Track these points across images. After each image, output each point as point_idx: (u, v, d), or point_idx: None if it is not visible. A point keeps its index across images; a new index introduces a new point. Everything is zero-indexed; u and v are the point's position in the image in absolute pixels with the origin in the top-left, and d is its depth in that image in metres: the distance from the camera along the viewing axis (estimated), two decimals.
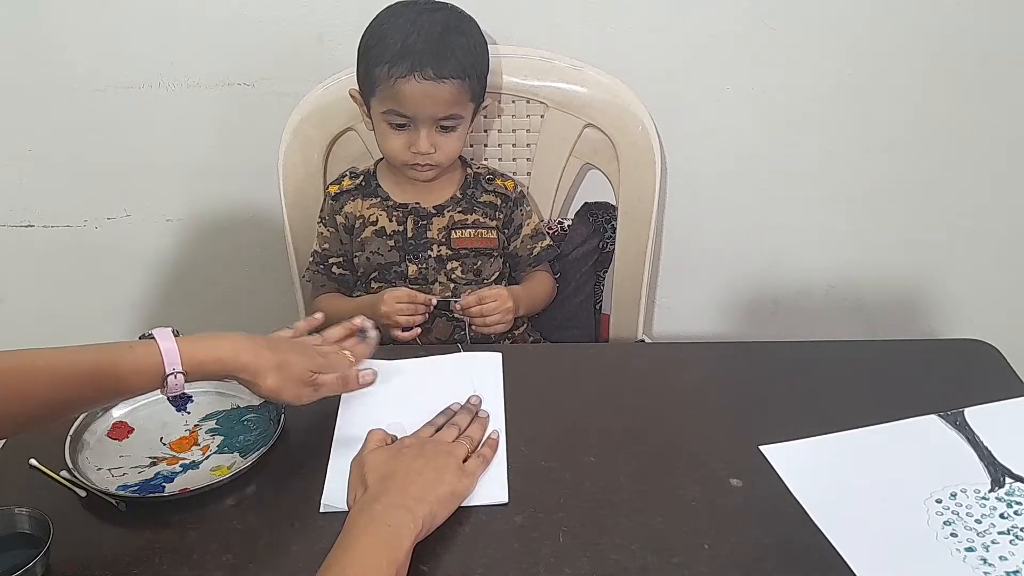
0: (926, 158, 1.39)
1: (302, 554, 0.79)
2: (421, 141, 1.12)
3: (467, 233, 1.22)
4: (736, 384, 1.02)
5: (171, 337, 0.81)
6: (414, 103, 1.09)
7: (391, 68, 1.08)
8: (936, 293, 1.53)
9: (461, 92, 1.11)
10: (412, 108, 1.10)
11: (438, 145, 1.13)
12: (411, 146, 1.13)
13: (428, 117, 1.11)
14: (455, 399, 0.96)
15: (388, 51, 1.08)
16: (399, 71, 1.07)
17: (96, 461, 0.89)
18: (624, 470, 0.88)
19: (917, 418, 0.94)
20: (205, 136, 1.36)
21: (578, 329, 1.38)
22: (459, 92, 1.10)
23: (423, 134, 1.12)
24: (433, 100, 1.09)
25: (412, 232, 1.20)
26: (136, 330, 1.56)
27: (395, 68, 1.08)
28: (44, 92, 1.32)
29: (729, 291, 1.53)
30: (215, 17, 1.26)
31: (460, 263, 1.21)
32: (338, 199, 1.22)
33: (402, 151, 1.14)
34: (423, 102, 1.09)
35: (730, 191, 1.42)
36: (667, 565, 0.77)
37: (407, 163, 1.15)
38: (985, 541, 0.79)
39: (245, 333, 0.86)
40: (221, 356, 0.83)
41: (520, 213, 1.25)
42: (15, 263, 1.49)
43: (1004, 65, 1.31)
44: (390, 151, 1.15)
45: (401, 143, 1.13)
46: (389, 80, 1.08)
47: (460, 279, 1.21)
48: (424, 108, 1.10)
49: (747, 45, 1.28)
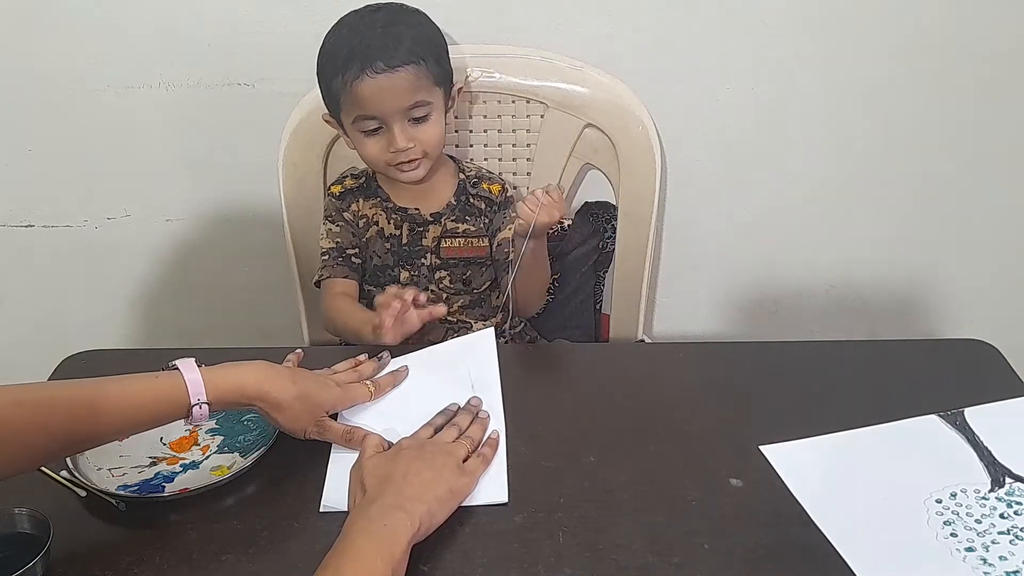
0: (926, 158, 1.39)
1: (302, 554, 0.79)
2: (396, 138, 1.10)
3: (457, 243, 1.21)
4: (736, 384, 1.02)
5: (195, 368, 0.82)
6: (374, 100, 1.08)
7: (344, 75, 1.07)
8: (936, 293, 1.53)
9: (419, 77, 1.09)
10: (374, 106, 1.08)
11: (414, 138, 1.11)
12: (389, 146, 1.11)
13: (395, 111, 1.09)
14: (453, 393, 0.96)
15: (338, 60, 1.08)
16: (351, 74, 1.06)
17: (96, 461, 0.89)
18: (624, 470, 0.88)
19: (917, 418, 0.94)
20: (205, 136, 1.36)
21: (578, 329, 1.38)
22: (416, 77, 1.08)
23: (396, 130, 1.10)
24: (392, 92, 1.08)
25: (407, 238, 1.20)
26: (136, 330, 1.57)
27: (347, 73, 1.07)
28: (44, 92, 1.32)
29: (729, 291, 1.53)
30: (215, 17, 1.26)
31: (448, 273, 1.21)
32: (343, 198, 1.22)
33: (381, 153, 1.12)
34: (382, 97, 1.08)
35: (730, 191, 1.42)
36: (667, 565, 0.77)
37: (390, 164, 1.13)
38: (985, 541, 0.79)
39: (267, 362, 0.87)
40: (244, 385, 0.84)
41: (502, 217, 1.22)
42: (15, 263, 1.49)
43: (1004, 65, 1.31)
44: (370, 157, 1.14)
45: (379, 147, 1.12)
46: (345, 88, 1.07)
47: (448, 288, 1.21)
48: (386, 103, 1.08)
49: (747, 45, 1.28)
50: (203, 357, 0.84)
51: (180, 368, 0.81)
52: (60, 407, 0.76)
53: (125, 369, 0.81)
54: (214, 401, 0.82)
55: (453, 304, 1.21)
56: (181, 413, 0.81)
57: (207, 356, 0.85)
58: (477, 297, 1.24)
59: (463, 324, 1.22)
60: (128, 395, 0.79)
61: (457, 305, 1.22)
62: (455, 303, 1.21)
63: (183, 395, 0.80)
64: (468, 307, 1.23)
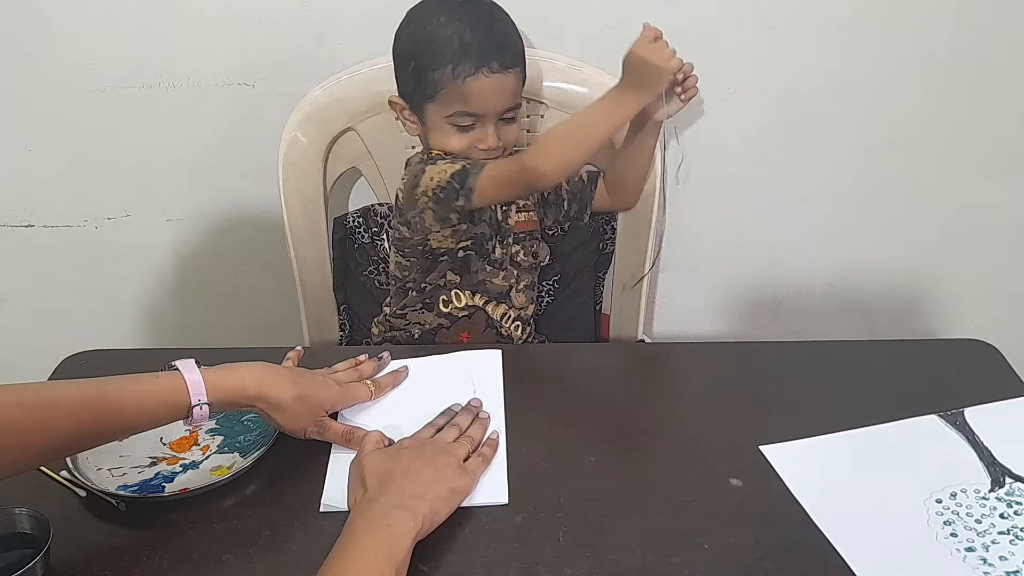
0: (926, 158, 1.39)
1: (302, 554, 0.79)
2: (490, 137, 1.10)
3: (523, 216, 1.20)
4: (736, 384, 1.02)
5: (195, 369, 0.82)
6: (484, 100, 1.07)
7: (455, 69, 1.05)
8: (936, 293, 1.53)
9: (519, 80, 1.11)
10: (483, 105, 1.08)
11: (502, 137, 1.12)
12: (478, 143, 1.11)
13: (497, 111, 1.09)
14: (455, 398, 0.96)
15: (446, 52, 1.05)
16: (465, 70, 1.05)
17: (96, 461, 0.89)
18: (624, 470, 0.88)
19: (917, 418, 0.94)
20: (205, 136, 1.36)
21: (578, 329, 1.38)
22: (519, 80, 1.10)
23: (491, 130, 1.10)
24: (502, 93, 1.08)
25: (501, 215, 1.18)
26: (136, 330, 1.57)
27: (460, 68, 1.05)
28: (44, 92, 1.32)
29: (729, 291, 1.53)
30: (215, 17, 1.26)
31: (521, 247, 1.20)
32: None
33: (468, 149, 1.12)
34: (493, 97, 1.08)
35: (730, 191, 1.42)
36: (667, 565, 0.77)
37: (471, 156, 1.12)
38: (985, 541, 0.79)
39: (267, 363, 0.87)
40: (244, 386, 0.84)
41: None
42: (15, 263, 1.49)
43: (1004, 65, 1.31)
44: (455, 149, 1.12)
45: (467, 142, 1.11)
46: (456, 81, 1.06)
47: (523, 262, 1.21)
48: (494, 103, 1.08)
49: (747, 45, 1.28)
50: (203, 357, 0.84)
51: (180, 369, 0.81)
52: (62, 408, 0.75)
53: (125, 369, 0.81)
54: (214, 402, 0.82)
55: (521, 283, 1.20)
56: (181, 414, 0.81)
57: (207, 356, 0.85)
58: (534, 277, 1.24)
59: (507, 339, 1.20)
60: (129, 396, 0.79)
61: (523, 284, 1.21)
62: (522, 282, 1.20)
63: (183, 396, 0.80)
64: (529, 287, 1.22)
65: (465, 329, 1.19)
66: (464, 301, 1.18)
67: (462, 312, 1.18)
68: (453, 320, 1.18)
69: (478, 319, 1.19)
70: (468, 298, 1.18)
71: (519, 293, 1.21)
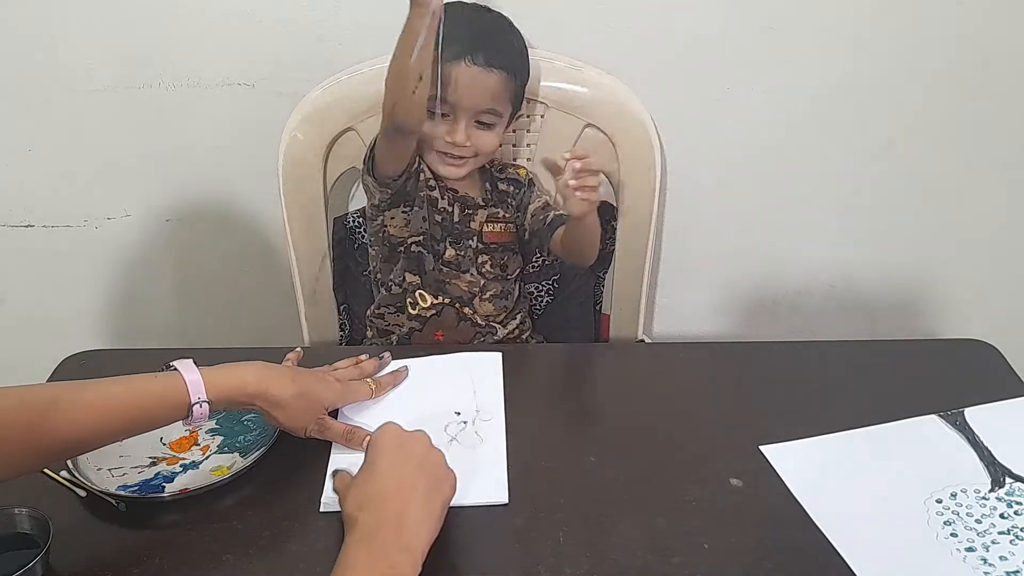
0: (926, 158, 1.39)
1: (302, 554, 0.79)
2: (459, 133, 1.12)
3: (498, 228, 1.22)
4: (736, 384, 1.02)
5: (194, 368, 0.81)
6: (458, 88, 1.09)
7: (443, 50, 1.05)
8: (936, 293, 1.53)
9: (504, 87, 1.11)
10: (456, 94, 1.09)
11: (473, 140, 1.13)
12: (447, 134, 1.12)
13: (470, 107, 1.10)
14: (455, 398, 0.97)
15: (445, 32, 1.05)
16: (451, 54, 1.07)
17: (96, 461, 0.89)
18: (624, 470, 0.88)
19: (917, 418, 0.94)
20: (205, 136, 1.36)
21: (578, 329, 1.38)
22: (502, 86, 1.11)
23: (462, 125, 1.11)
24: (480, 89, 1.09)
25: (459, 217, 1.20)
26: (136, 330, 1.57)
27: (447, 51, 1.06)
28: (44, 92, 1.32)
29: (729, 291, 1.53)
30: (215, 17, 1.26)
31: (490, 258, 1.22)
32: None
33: (435, 140, 1.13)
34: (469, 89, 1.09)
35: (730, 191, 1.41)
36: (667, 565, 0.77)
37: (440, 151, 1.14)
38: (985, 541, 0.79)
39: (265, 362, 0.87)
40: (244, 384, 0.84)
41: (530, 195, 1.24)
42: (15, 263, 1.49)
43: (1004, 65, 1.31)
44: (429, 135, 1.13)
45: (438, 131, 1.13)
46: (439, 61, 1.06)
47: (488, 274, 1.22)
48: (468, 96, 1.09)
49: (747, 45, 1.28)
50: (203, 357, 0.84)
51: (179, 368, 0.81)
52: (63, 408, 0.75)
53: (125, 369, 0.81)
54: (214, 400, 0.81)
55: (487, 292, 1.21)
56: (181, 413, 0.81)
57: (207, 356, 0.85)
58: (507, 287, 1.24)
59: (490, 330, 1.22)
60: (129, 396, 0.79)
61: (489, 294, 1.22)
62: (488, 291, 1.21)
63: (183, 395, 0.80)
64: (499, 296, 1.23)
65: (437, 328, 1.20)
66: (429, 301, 1.20)
67: (430, 312, 1.20)
68: (423, 322, 1.20)
69: (447, 315, 1.20)
70: (433, 298, 1.20)
71: (485, 302, 1.21)
